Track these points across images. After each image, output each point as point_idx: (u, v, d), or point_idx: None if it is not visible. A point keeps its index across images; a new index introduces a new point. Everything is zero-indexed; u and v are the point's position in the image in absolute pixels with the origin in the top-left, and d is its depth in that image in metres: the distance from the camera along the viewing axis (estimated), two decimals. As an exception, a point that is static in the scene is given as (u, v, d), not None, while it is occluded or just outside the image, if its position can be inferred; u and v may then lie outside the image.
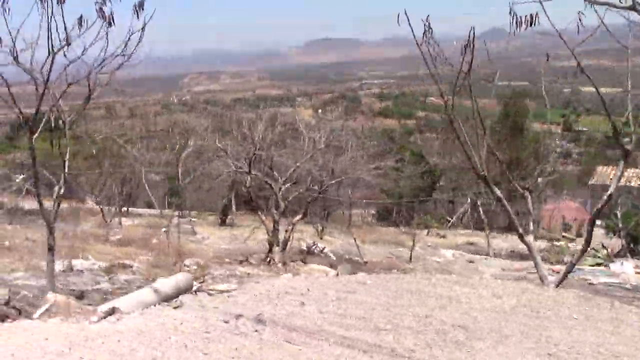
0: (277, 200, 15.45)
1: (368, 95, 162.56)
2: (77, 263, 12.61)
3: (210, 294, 6.46)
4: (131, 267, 13.16)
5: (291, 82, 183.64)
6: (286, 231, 15.58)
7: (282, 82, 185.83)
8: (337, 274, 12.20)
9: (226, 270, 12.88)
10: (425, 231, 26.04)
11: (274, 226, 15.38)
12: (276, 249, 15.21)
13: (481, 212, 22.24)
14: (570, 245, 22.80)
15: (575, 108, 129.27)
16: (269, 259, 15.20)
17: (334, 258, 16.79)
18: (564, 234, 24.47)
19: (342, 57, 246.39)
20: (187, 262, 14.80)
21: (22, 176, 25.25)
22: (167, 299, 5.98)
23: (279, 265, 14.33)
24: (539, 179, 30.78)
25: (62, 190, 7.76)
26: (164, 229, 20.37)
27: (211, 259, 15.44)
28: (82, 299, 8.24)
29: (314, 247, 16.70)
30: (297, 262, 15.21)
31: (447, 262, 17.34)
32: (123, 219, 24.99)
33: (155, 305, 5.81)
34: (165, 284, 6.01)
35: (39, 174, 7.85)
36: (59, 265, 12.61)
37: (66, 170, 7.71)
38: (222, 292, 6.55)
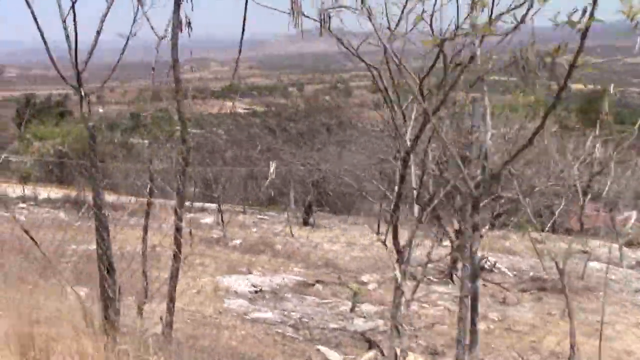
0: (466, 206, 12.86)
1: (360, 87, 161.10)
2: (245, 280, 10.20)
3: None
4: (313, 285, 10.98)
5: (281, 72, 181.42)
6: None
7: (271, 71, 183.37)
8: None
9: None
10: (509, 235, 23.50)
11: (457, 238, 13.06)
12: (460, 264, 12.95)
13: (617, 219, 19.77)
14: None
15: (567, 105, 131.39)
16: (452, 276, 13.21)
17: (511, 275, 14.03)
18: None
19: (330, 47, 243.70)
20: (364, 278, 12.64)
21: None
22: None
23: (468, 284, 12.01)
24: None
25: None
26: (255, 230, 18.28)
27: (369, 272, 13.19)
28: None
29: (483, 261, 13.88)
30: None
31: (624, 280, 14.88)
32: (192, 215, 22.32)
33: None
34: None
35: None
36: (244, 284, 10.14)
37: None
38: None
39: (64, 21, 4.01)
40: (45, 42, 4.07)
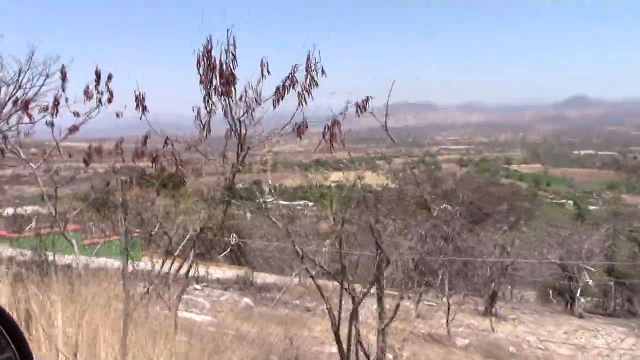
0: None
1: (446, 160, 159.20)
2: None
3: None
4: None
5: (368, 145, 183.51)
6: None
7: (358, 144, 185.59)
8: None
9: None
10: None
11: None
12: None
13: None
14: None
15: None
16: None
17: None
18: None
19: (417, 121, 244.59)
20: None
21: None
22: None
23: None
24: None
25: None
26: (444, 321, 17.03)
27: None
28: None
29: None
30: None
31: None
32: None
33: None
34: None
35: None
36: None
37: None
38: None
39: None
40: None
